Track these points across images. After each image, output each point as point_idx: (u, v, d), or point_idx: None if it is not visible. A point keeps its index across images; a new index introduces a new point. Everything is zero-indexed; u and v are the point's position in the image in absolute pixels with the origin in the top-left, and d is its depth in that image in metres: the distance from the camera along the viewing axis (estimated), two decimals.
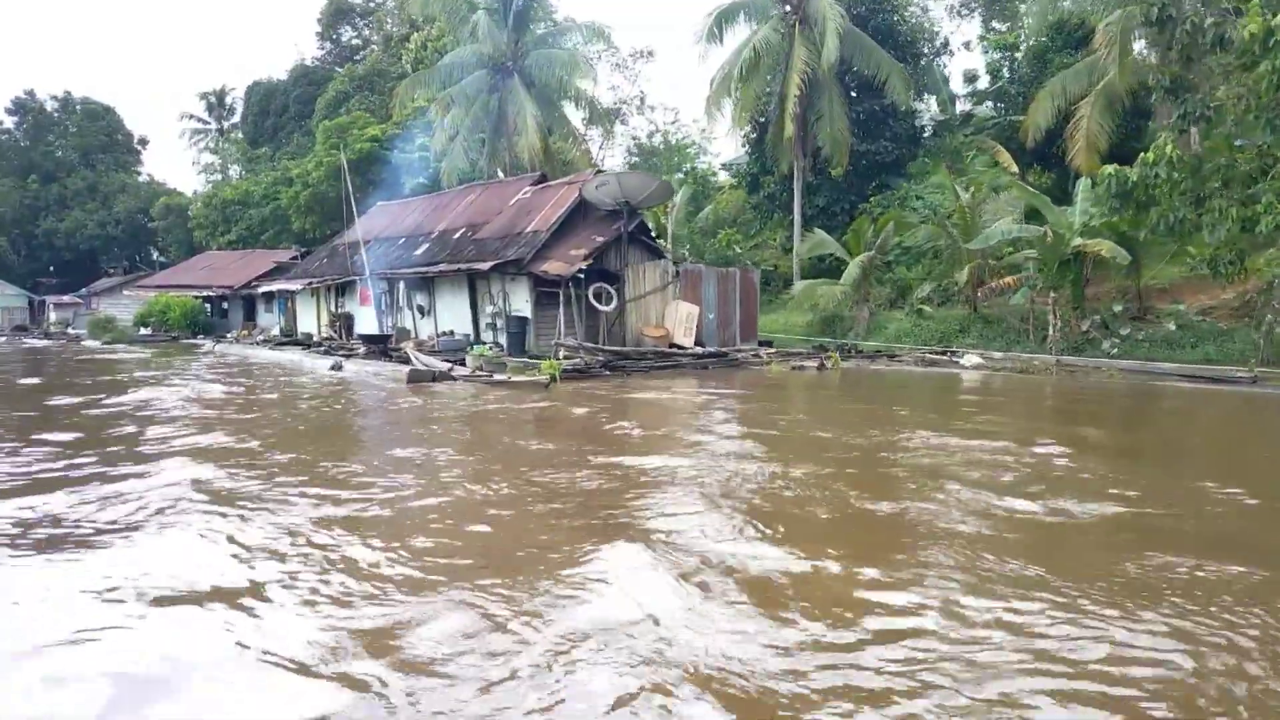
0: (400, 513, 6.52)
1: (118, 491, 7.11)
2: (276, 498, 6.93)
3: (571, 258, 21.77)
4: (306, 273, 33.14)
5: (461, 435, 10.56)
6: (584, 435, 10.39)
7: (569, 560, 5.19)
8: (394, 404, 13.45)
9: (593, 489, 7.22)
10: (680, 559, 5.18)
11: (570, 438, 10.27)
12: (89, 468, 8.12)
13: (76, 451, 9.08)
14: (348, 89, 50.85)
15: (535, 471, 7.90)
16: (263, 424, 10.85)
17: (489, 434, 10.72)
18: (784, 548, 5.44)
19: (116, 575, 4.99)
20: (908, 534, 5.87)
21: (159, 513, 6.47)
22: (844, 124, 34.03)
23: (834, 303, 29.01)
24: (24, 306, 67.32)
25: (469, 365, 19.25)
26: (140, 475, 7.77)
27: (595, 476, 7.69)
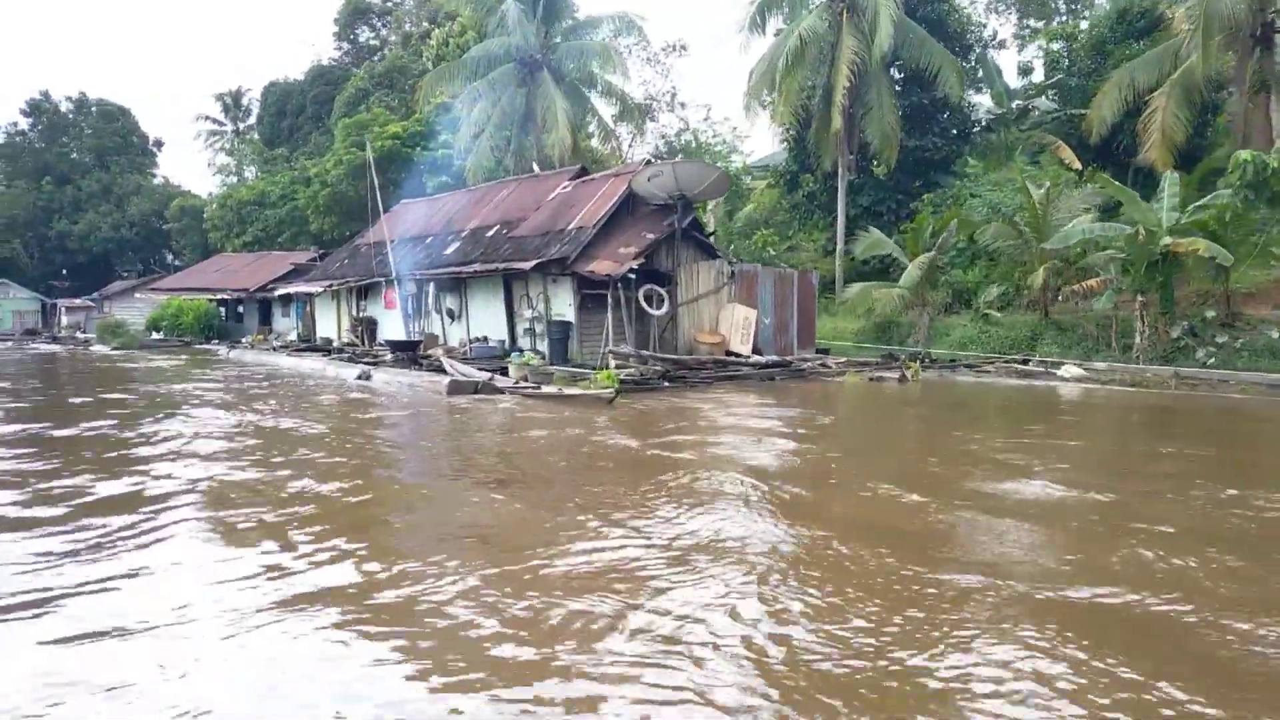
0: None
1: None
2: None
3: (620, 256, 19.64)
4: (326, 274, 31.11)
5: (576, 493, 7.12)
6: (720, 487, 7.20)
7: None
8: (441, 424, 11.25)
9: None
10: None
11: (723, 498, 6.83)
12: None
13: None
14: (367, 86, 48.92)
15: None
16: (319, 471, 8.76)
17: (604, 490, 7.24)
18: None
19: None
20: None
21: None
22: (893, 118, 31.84)
23: (891, 307, 26.80)
24: (36, 310, 65.59)
25: (512, 375, 17.12)
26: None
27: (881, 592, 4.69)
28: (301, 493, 6.93)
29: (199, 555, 5.26)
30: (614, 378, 15.00)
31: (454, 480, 7.76)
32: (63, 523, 6.02)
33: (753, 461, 8.27)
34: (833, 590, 4.55)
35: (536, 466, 8.35)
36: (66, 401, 13.84)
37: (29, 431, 10.43)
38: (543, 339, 21.19)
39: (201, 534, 5.76)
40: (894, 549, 5.24)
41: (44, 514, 6.27)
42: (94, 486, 7.14)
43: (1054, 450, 9.23)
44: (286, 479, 7.45)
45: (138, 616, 4.19)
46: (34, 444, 9.55)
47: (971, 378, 19.72)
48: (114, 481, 7.37)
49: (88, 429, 10.38)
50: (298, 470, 7.81)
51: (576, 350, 20.16)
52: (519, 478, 7.74)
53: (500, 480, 7.57)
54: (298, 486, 7.14)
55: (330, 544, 5.46)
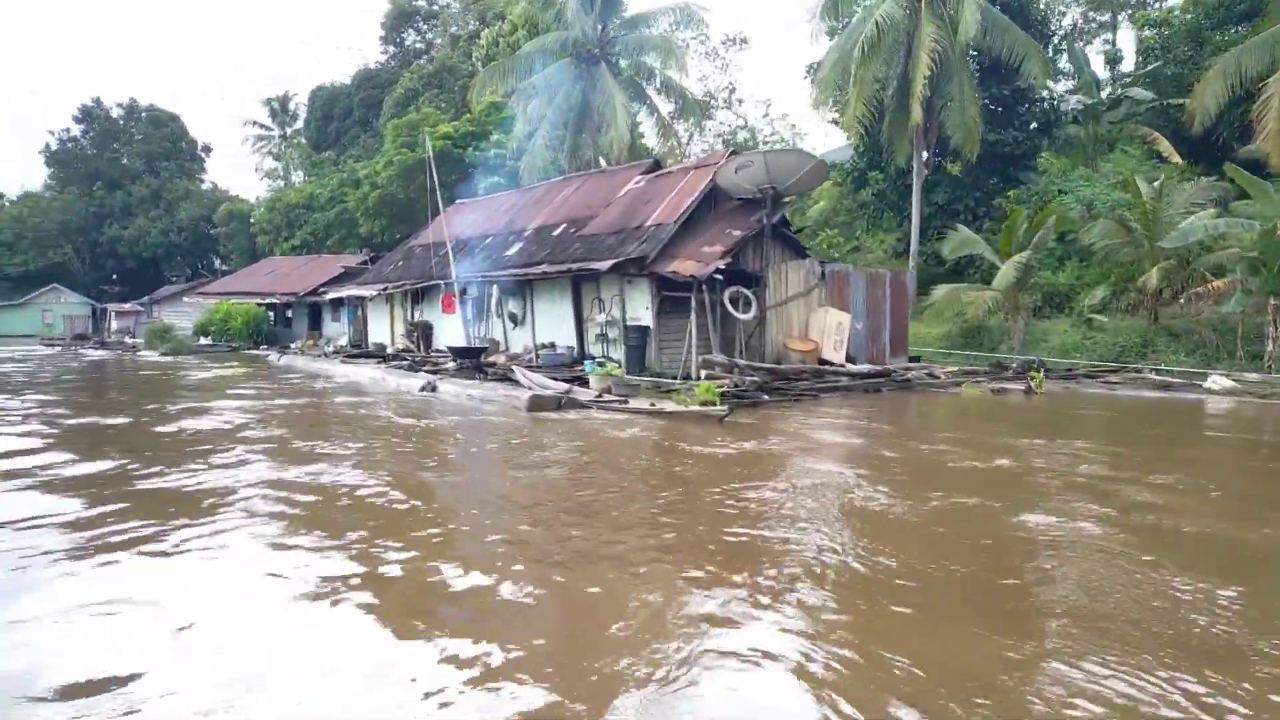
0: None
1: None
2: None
3: (705, 255, 17.77)
4: (380, 277, 29.59)
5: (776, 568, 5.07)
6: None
7: None
8: (552, 461, 9.35)
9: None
10: None
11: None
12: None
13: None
14: (417, 87, 47.59)
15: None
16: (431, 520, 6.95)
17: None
18: None
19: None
20: None
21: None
22: (975, 110, 29.62)
23: (984, 311, 24.65)
24: (87, 314, 65.29)
25: (593, 386, 15.32)
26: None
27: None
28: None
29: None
30: (713, 390, 13.12)
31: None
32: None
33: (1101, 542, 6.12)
34: None
35: (644, 501, 6.48)
36: (99, 425, 12.23)
37: (40, 477, 8.77)
38: (615, 345, 19.39)
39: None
40: None
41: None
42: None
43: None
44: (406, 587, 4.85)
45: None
46: (47, 489, 7.88)
47: (1101, 389, 17.51)
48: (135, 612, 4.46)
49: (111, 473, 8.64)
50: (417, 583, 4.90)
51: (655, 358, 18.33)
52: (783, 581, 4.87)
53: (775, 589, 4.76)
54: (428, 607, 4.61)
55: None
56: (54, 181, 73.81)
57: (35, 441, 9.83)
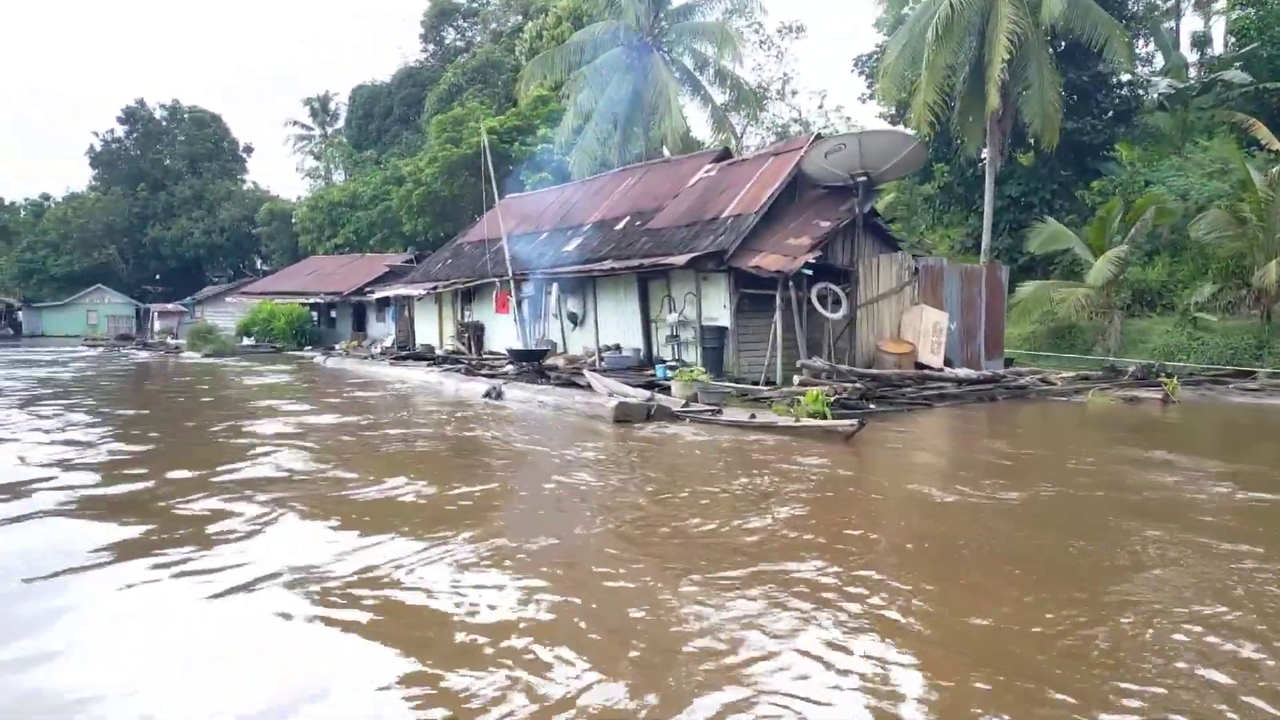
0: None
1: None
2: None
3: (791, 249, 16.07)
4: (428, 276, 28.18)
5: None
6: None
7: None
8: (699, 490, 7.63)
9: None
10: None
11: None
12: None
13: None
14: (460, 82, 46.25)
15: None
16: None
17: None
18: None
19: None
20: None
21: None
22: (1054, 96, 27.55)
23: (1076, 309, 22.69)
24: (131, 315, 64.86)
25: (676, 394, 13.68)
26: None
27: None
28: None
29: None
30: (823, 400, 11.42)
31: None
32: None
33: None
34: None
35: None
36: (130, 449, 10.76)
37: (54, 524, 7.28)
38: (688, 348, 17.75)
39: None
40: None
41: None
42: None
43: None
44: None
45: None
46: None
47: (1245, 398, 15.50)
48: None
49: (147, 529, 7.09)
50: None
51: (733, 361, 16.66)
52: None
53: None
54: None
55: None
56: (98, 183, 73.59)
57: (49, 500, 8.31)
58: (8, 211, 75.79)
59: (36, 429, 10.96)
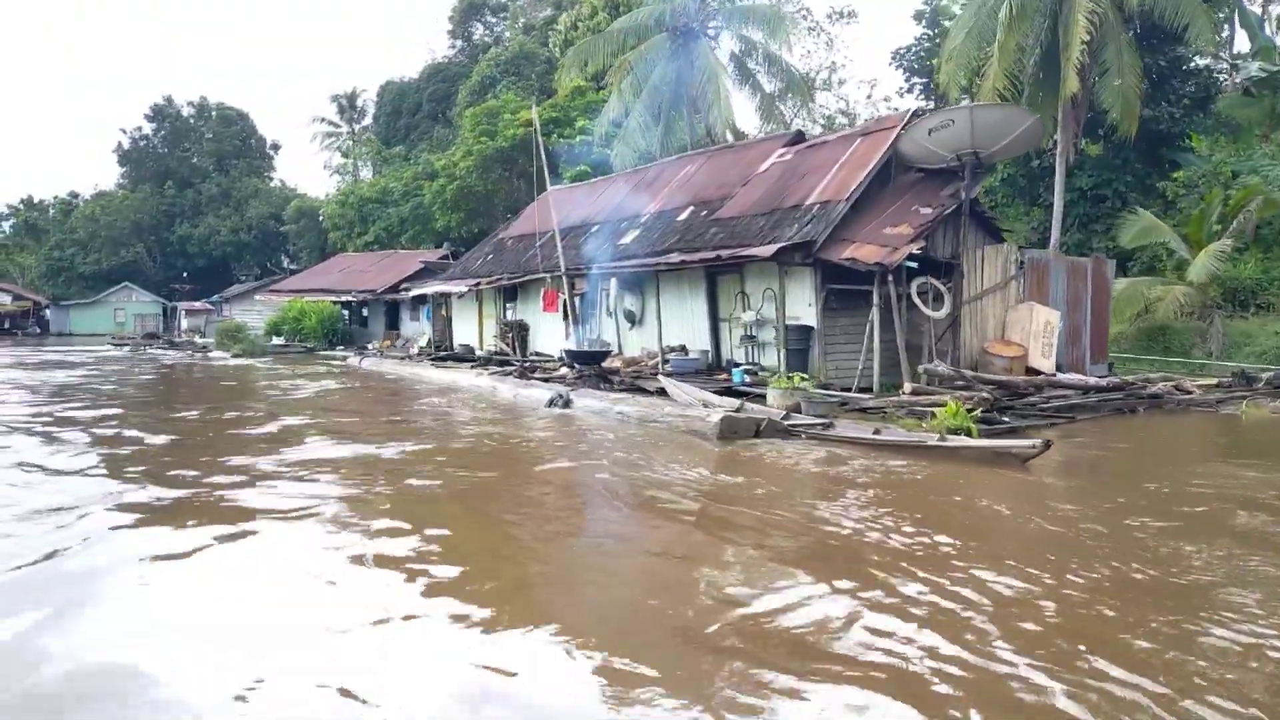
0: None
1: None
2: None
3: (888, 238, 14.16)
4: (467, 272, 26.42)
5: None
6: None
7: None
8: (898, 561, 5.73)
9: None
10: None
11: None
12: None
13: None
14: (493, 74, 44.49)
15: None
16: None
17: None
18: None
19: None
20: None
21: None
22: (1134, 80, 25.42)
23: (1175, 309, 20.63)
24: (158, 314, 63.72)
25: (772, 403, 11.82)
26: None
27: None
28: None
29: None
30: (964, 413, 9.53)
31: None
32: None
33: None
34: None
35: None
36: (144, 488, 8.95)
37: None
38: (764, 349, 15.88)
39: None
40: None
41: None
42: None
43: None
44: None
45: None
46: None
47: None
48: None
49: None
50: None
51: (818, 364, 14.76)
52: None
53: None
54: None
55: None
56: (126, 180, 72.50)
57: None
58: (37, 210, 74.90)
59: (35, 469, 9.23)
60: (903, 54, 42.39)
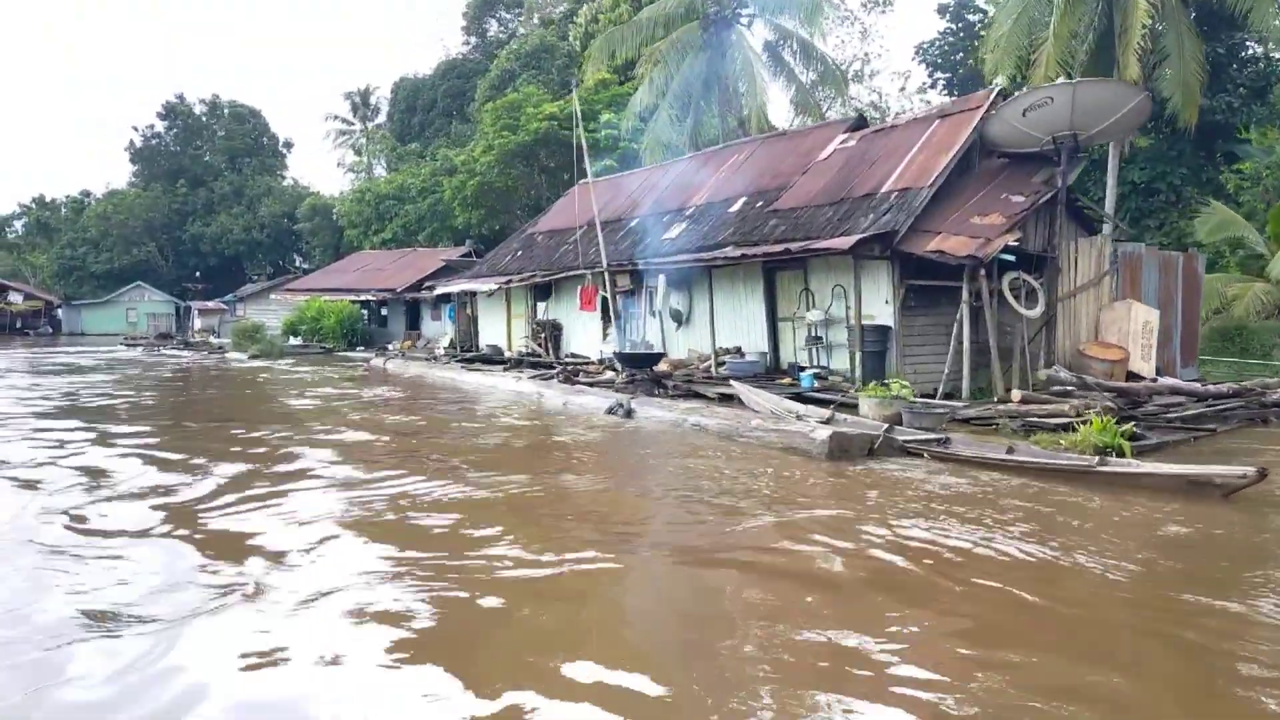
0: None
1: None
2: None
3: (977, 229, 12.74)
4: (495, 270, 25.04)
5: None
6: None
7: None
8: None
9: None
10: None
11: None
12: None
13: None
14: (513, 68, 43.08)
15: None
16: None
17: None
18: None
19: None
20: None
21: None
22: (1196, 67, 23.96)
23: (1255, 307, 19.18)
24: (170, 313, 62.49)
25: (867, 414, 10.43)
26: None
27: None
28: None
29: None
30: (1114, 430, 8.12)
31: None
32: None
33: None
34: None
35: None
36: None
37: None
38: (832, 352, 14.47)
39: None
40: None
41: None
42: None
43: None
44: None
45: None
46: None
47: None
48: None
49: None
50: None
51: (895, 367, 13.35)
52: None
53: None
54: None
55: None
56: (138, 179, 71.33)
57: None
58: (49, 209, 73.83)
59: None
60: (926, 48, 40.90)
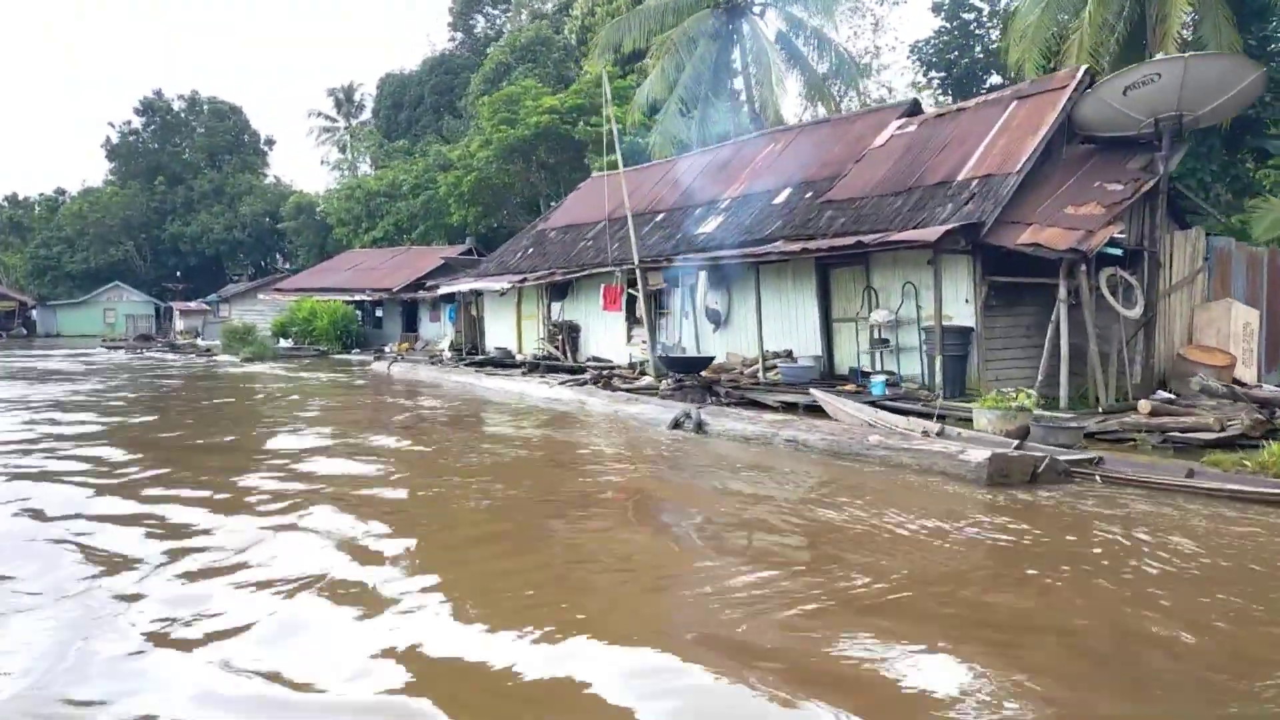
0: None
1: None
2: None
3: (1073, 220, 11.41)
4: (505, 268, 23.47)
5: None
6: None
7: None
8: None
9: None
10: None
11: None
12: None
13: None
14: (509, 60, 41.44)
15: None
16: None
17: None
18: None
19: None
20: None
21: None
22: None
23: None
24: (150, 314, 60.16)
25: (985, 427, 9.05)
26: None
27: None
28: None
29: None
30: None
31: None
32: None
33: None
34: None
35: None
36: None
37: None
38: (901, 356, 13.09)
39: None
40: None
41: None
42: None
43: None
44: None
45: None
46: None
47: None
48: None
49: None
50: None
51: (976, 375, 11.99)
52: None
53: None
54: None
55: None
56: (115, 177, 68.78)
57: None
58: (22, 207, 71.15)
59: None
60: (921, 47, 39.70)
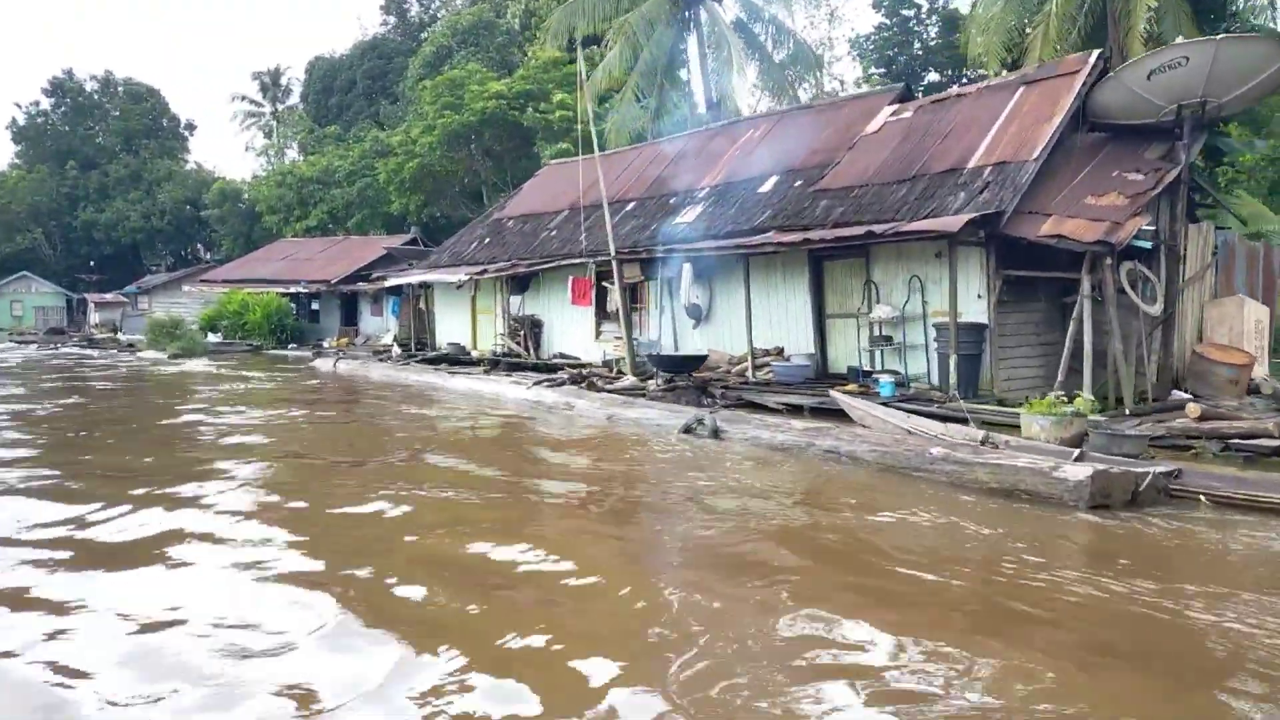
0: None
1: None
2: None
3: (1095, 211, 10.71)
4: (460, 259, 22.01)
5: None
6: None
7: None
8: None
9: None
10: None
11: None
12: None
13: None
14: (450, 44, 39.69)
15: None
16: None
17: None
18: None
19: None
20: None
21: None
22: None
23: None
24: (61, 306, 56.34)
25: (1035, 433, 8.21)
26: None
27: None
28: None
29: None
30: None
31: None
32: None
33: None
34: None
35: None
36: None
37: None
38: (906, 354, 12.27)
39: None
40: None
41: None
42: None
43: None
44: None
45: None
46: None
47: None
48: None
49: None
50: None
51: (989, 375, 11.24)
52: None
53: None
54: None
55: None
56: (21, 160, 64.18)
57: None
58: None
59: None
60: (861, 43, 39.33)
